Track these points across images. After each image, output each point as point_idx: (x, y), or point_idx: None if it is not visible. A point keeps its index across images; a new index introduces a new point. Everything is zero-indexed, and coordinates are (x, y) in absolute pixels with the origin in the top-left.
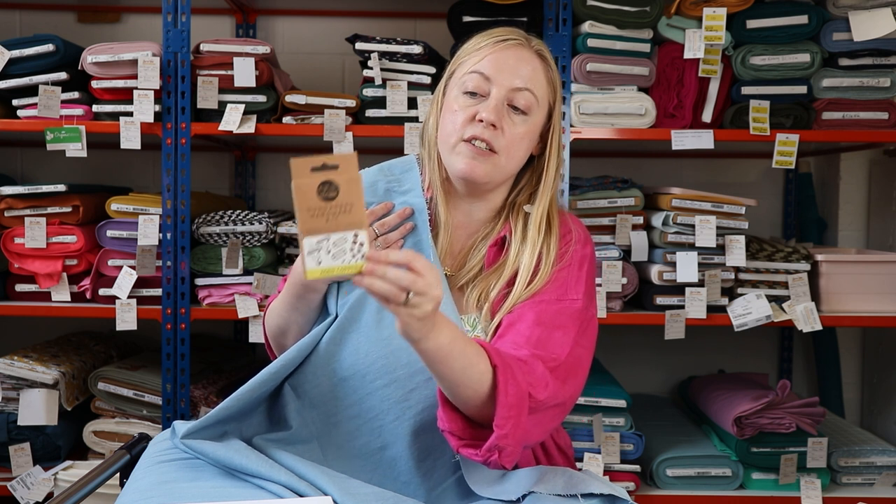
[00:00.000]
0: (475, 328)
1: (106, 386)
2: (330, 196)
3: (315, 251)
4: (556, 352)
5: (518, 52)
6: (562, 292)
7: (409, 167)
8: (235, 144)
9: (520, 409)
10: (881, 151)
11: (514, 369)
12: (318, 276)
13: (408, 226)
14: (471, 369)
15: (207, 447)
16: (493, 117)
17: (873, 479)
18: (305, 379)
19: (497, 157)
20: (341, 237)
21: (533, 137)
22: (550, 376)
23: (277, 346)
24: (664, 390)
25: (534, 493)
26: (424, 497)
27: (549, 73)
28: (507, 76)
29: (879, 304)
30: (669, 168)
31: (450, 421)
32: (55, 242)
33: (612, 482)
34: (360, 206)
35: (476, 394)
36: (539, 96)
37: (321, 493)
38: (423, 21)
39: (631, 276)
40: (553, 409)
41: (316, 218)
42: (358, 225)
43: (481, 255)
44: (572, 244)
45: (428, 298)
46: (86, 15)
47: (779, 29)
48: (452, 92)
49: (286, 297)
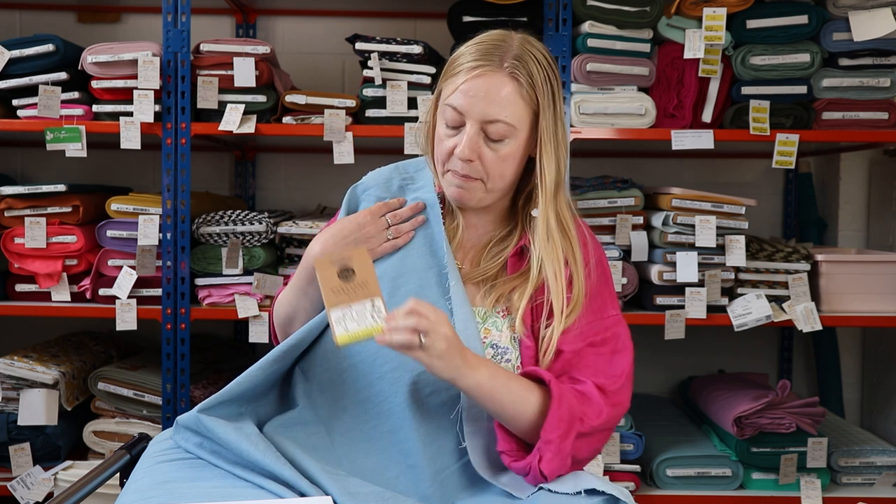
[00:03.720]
0: (485, 321)
1: (106, 386)
2: (348, 278)
3: (341, 320)
4: (615, 374)
5: (490, 79)
6: (602, 311)
7: (421, 167)
8: (235, 144)
9: (570, 423)
10: (881, 151)
11: (569, 395)
12: (347, 342)
13: (419, 219)
14: (521, 402)
15: (220, 429)
16: (467, 153)
17: (873, 479)
18: (315, 363)
19: (483, 182)
20: (361, 306)
21: (518, 154)
22: (605, 403)
23: (285, 336)
24: (664, 390)
25: (542, 490)
26: (430, 480)
27: (523, 92)
28: (479, 108)
29: (879, 304)
30: (669, 168)
31: (505, 442)
32: (55, 242)
33: (613, 483)
34: (374, 281)
35: (530, 423)
36: (514, 121)
37: (322, 492)
38: (423, 21)
39: (631, 276)
40: (604, 433)
41: (338, 294)
42: (373, 294)
43: (502, 259)
44: (590, 250)
45: (437, 336)
46: (86, 15)
47: (779, 29)
48: (439, 113)
49: (296, 282)
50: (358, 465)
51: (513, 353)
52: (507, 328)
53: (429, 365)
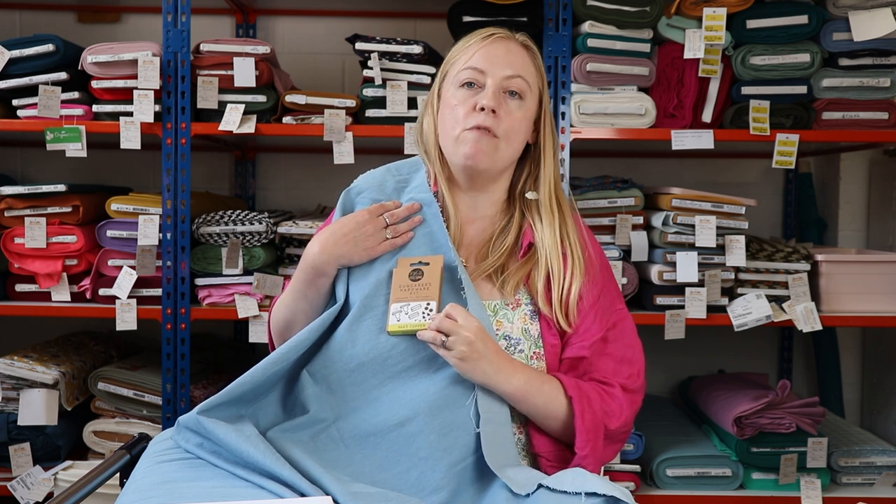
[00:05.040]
0: (496, 314)
1: (106, 386)
2: (416, 278)
3: (397, 312)
4: (633, 371)
5: (506, 44)
6: (611, 307)
7: (416, 167)
8: (235, 144)
9: (596, 434)
10: (881, 151)
11: (592, 399)
12: (395, 331)
13: (416, 219)
14: (552, 404)
15: (219, 430)
16: (493, 103)
17: (873, 479)
18: (323, 365)
19: (498, 141)
20: (417, 305)
21: (528, 123)
22: (626, 400)
23: (282, 342)
24: (664, 390)
25: (542, 489)
26: (445, 471)
27: (536, 62)
28: (500, 66)
29: (879, 304)
30: (669, 168)
31: (540, 445)
32: (55, 242)
33: (613, 483)
34: (437, 286)
35: (558, 422)
36: (531, 83)
37: (323, 492)
38: (423, 21)
39: (631, 276)
40: (624, 434)
41: (403, 291)
42: (431, 297)
43: (507, 248)
44: (584, 233)
45: (459, 339)
46: (86, 15)
47: (779, 29)
48: (449, 90)
49: (295, 284)
50: (367, 461)
51: (525, 344)
52: (518, 319)
53: (455, 366)
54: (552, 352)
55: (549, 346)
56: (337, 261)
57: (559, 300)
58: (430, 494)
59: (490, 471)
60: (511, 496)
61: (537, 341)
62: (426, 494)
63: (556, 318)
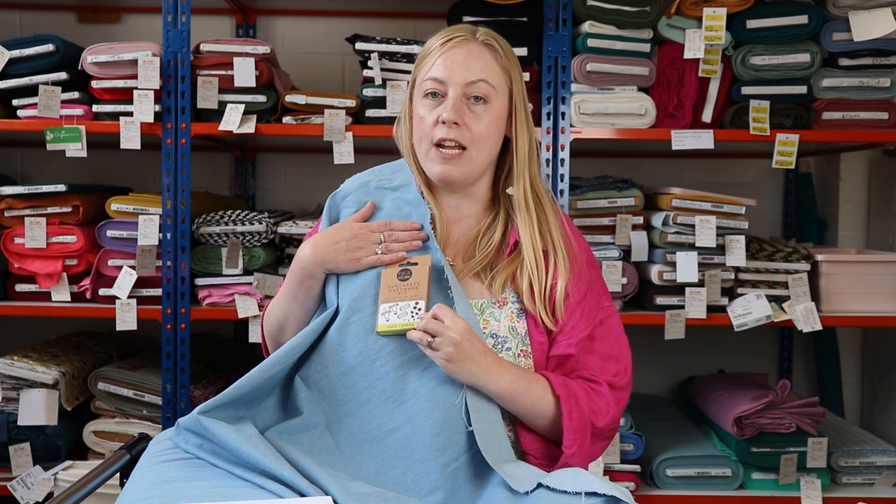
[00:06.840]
0: (483, 312)
1: (106, 386)
2: (405, 278)
3: (387, 312)
4: (620, 369)
5: (466, 47)
6: (598, 304)
7: (399, 167)
8: (235, 144)
9: (584, 432)
10: (881, 151)
11: (579, 397)
12: (385, 331)
13: (416, 244)
14: (540, 403)
15: (220, 430)
16: (453, 116)
17: (873, 479)
18: (315, 370)
19: (467, 152)
20: (406, 304)
21: (499, 123)
22: (613, 398)
23: (275, 346)
24: (664, 390)
25: (542, 488)
26: (439, 472)
27: (500, 60)
28: (460, 73)
29: (879, 304)
30: (669, 168)
31: (528, 443)
32: (55, 242)
33: (613, 483)
34: (425, 286)
35: (546, 421)
36: (495, 84)
37: (322, 492)
38: (423, 21)
39: (631, 276)
40: (611, 431)
41: (392, 291)
42: (420, 297)
43: (494, 246)
44: (566, 224)
45: (445, 340)
46: (86, 15)
47: (779, 29)
48: (417, 99)
49: (287, 286)
50: (363, 467)
51: (512, 342)
52: (504, 318)
53: (442, 367)
54: (539, 349)
55: (537, 343)
56: (323, 265)
57: (541, 297)
58: (426, 495)
59: (485, 469)
60: (510, 494)
61: (524, 339)
62: (423, 496)
63: (540, 316)
